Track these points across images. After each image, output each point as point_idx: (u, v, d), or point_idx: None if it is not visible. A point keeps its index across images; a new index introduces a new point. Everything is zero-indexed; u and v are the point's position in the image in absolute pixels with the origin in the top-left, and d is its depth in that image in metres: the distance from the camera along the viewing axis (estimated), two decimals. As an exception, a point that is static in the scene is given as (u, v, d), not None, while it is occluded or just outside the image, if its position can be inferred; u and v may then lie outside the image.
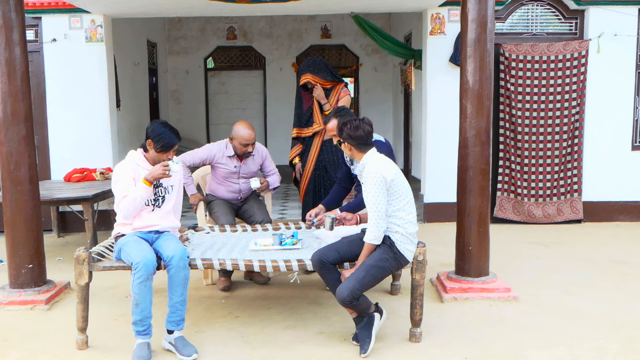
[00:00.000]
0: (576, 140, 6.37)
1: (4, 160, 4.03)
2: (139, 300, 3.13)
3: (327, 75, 4.67)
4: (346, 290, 3.09)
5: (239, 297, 4.18)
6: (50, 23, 6.19)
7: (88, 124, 6.28)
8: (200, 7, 6.07)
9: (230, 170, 4.44)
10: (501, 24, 6.36)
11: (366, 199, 3.16)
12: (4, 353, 3.28)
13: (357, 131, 3.24)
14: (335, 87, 4.73)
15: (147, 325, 3.18)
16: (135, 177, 3.39)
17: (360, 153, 3.28)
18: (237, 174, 4.48)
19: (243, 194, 4.56)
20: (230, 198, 4.55)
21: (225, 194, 4.53)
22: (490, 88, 4.09)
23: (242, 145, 4.34)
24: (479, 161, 4.07)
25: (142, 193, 3.32)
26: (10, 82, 3.98)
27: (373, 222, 3.13)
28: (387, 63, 10.60)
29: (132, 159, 3.45)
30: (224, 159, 4.43)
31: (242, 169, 4.48)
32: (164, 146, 3.36)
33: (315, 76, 4.64)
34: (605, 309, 3.86)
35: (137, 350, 3.15)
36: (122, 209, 3.33)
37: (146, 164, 3.45)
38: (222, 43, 10.55)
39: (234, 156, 4.43)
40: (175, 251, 3.26)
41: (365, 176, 3.17)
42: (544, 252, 5.37)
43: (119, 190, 3.36)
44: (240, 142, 4.34)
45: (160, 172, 3.31)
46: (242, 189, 4.52)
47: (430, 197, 6.54)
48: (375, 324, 3.24)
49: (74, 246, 5.69)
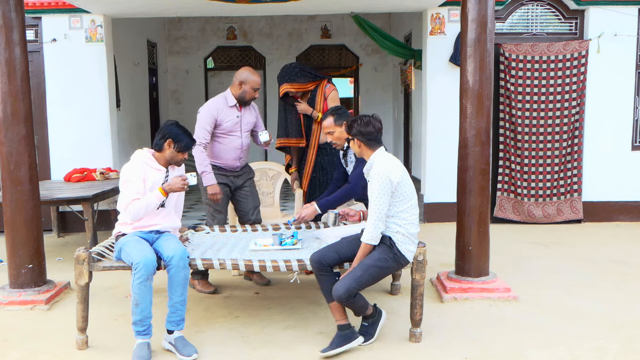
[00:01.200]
0: (576, 140, 6.37)
1: (4, 160, 4.03)
2: (139, 300, 3.13)
3: (306, 79, 4.50)
4: (342, 288, 3.09)
5: (239, 297, 4.18)
6: (50, 23, 6.19)
7: (88, 124, 6.28)
8: (200, 7, 6.07)
9: (233, 121, 4.33)
10: (501, 24, 6.36)
11: (370, 199, 3.16)
12: (4, 353, 3.28)
13: (368, 127, 3.24)
14: (319, 86, 4.56)
15: (147, 325, 3.18)
16: (145, 178, 3.39)
17: (369, 150, 3.26)
18: (239, 124, 4.36)
19: (244, 150, 4.41)
20: (232, 160, 4.35)
21: (226, 155, 4.34)
22: (490, 88, 4.09)
23: (254, 90, 4.30)
24: (479, 161, 4.07)
25: (156, 201, 3.35)
26: (10, 82, 3.98)
27: (372, 222, 3.13)
28: (387, 63, 10.60)
29: (141, 158, 3.44)
30: (227, 110, 4.32)
31: (243, 119, 4.38)
32: (185, 146, 3.42)
33: (293, 84, 4.49)
34: (605, 309, 3.85)
35: (137, 351, 3.15)
36: (132, 211, 3.33)
37: (155, 163, 3.45)
38: (222, 43, 10.54)
39: (235, 105, 4.33)
40: (175, 251, 3.26)
41: (372, 176, 3.17)
42: (544, 252, 5.37)
43: (128, 192, 3.34)
44: (252, 86, 4.28)
45: (179, 187, 3.38)
46: (244, 143, 4.39)
47: (430, 197, 6.54)
48: (352, 343, 3.19)
49: (74, 246, 5.69)
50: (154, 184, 3.42)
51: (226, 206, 4.42)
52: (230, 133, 4.32)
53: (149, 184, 3.41)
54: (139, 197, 3.34)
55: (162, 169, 3.47)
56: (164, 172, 3.47)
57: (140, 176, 3.38)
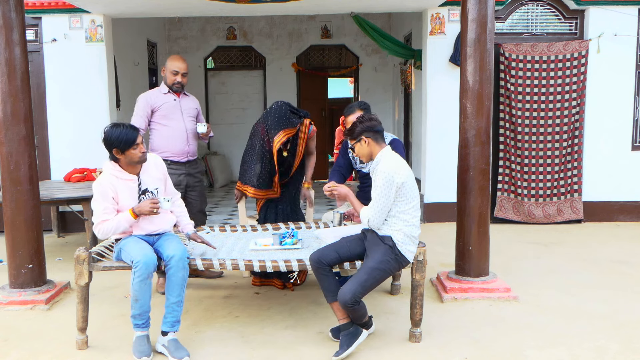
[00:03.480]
0: (576, 140, 6.37)
1: (4, 160, 4.03)
2: (138, 297, 3.15)
3: (296, 120, 4.12)
4: (349, 293, 3.08)
5: (239, 297, 4.18)
6: (50, 23, 6.19)
7: (88, 124, 6.27)
8: (200, 7, 6.07)
9: (170, 105, 4.38)
10: (501, 24, 6.36)
11: (374, 193, 3.18)
12: (4, 353, 3.28)
13: (372, 121, 3.26)
14: (302, 124, 4.20)
15: (145, 318, 3.21)
16: (116, 194, 3.31)
17: (377, 146, 3.26)
18: (179, 108, 4.41)
19: (190, 135, 4.42)
20: (180, 145, 4.36)
21: (173, 140, 4.34)
22: (490, 88, 4.08)
23: (172, 74, 4.36)
24: (479, 161, 4.07)
25: (125, 224, 3.29)
26: (10, 82, 3.98)
27: (375, 212, 3.17)
28: (387, 63, 10.59)
29: (110, 172, 3.34)
30: (160, 96, 4.41)
31: (182, 103, 4.44)
32: (127, 143, 3.24)
33: (286, 130, 4.06)
34: (605, 309, 3.85)
35: (137, 344, 3.17)
36: (101, 232, 3.27)
37: (124, 173, 3.34)
38: (222, 43, 10.53)
39: (168, 92, 4.42)
40: (175, 251, 3.26)
41: (378, 173, 3.18)
42: (544, 252, 5.37)
43: (98, 212, 3.28)
44: (170, 69, 4.37)
45: (148, 210, 3.27)
46: (188, 127, 4.41)
47: (430, 197, 6.54)
48: (360, 339, 3.21)
49: (74, 246, 5.69)
50: (129, 194, 3.33)
51: None
52: (171, 117, 4.38)
53: (123, 197, 3.32)
54: (109, 217, 3.27)
55: (133, 177, 3.36)
56: (135, 180, 3.36)
57: (109, 194, 3.28)
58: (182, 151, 4.40)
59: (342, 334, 3.21)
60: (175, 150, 4.39)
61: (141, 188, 3.38)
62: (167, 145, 4.37)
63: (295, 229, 4.00)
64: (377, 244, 3.21)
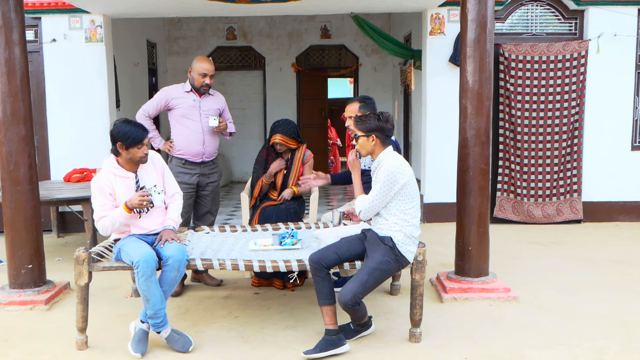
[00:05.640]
0: (576, 141, 6.37)
1: (3, 160, 4.03)
2: (148, 296, 3.16)
3: (296, 138, 4.41)
4: (349, 293, 3.08)
5: (238, 297, 4.18)
6: (50, 23, 6.19)
7: (88, 124, 6.28)
8: (200, 7, 6.07)
9: (189, 104, 4.35)
10: (501, 24, 6.36)
11: (374, 187, 3.20)
12: (4, 353, 3.28)
13: (388, 123, 3.24)
14: (299, 149, 4.48)
15: (161, 316, 3.22)
16: (113, 191, 3.34)
17: (382, 147, 3.26)
18: (198, 108, 4.36)
19: (207, 135, 4.39)
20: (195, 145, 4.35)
21: (189, 139, 4.34)
22: (490, 88, 4.09)
23: (201, 76, 4.29)
24: (479, 161, 4.07)
25: (120, 219, 3.31)
26: (10, 82, 3.98)
27: (369, 205, 3.21)
28: (386, 63, 10.59)
29: (108, 169, 3.38)
30: (181, 94, 4.37)
31: (202, 104, 4.39)
32: (134, 140, 3.28)
33: (284, 136, 4.34)
34: (605, 309, 3.85)
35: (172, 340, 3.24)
36: (101, 228, 3.33)
37: (122, 171, 3.37)
38: (221, 43, 10.53)
39: (191, 91, 4.37)
40: (174, 252, 3.27)
41: (380, 172, 3.19)
42: (543, 252, 5.37)
43: (96, 209, 3.34)
44: (198, 72, 4.30)
45: (138, 202, 3.26)
46: (204, 128, 4.36)
47: (430, 197, 6.54)
48: (337, 350, 3.16)
49: (73, 246, 5.69)
50: (127, 191, 3.36)
51: (189, 208, 4.43)
52: (189, 117, 4.36)
53: (120, 194, 3.35)
54: (106, 213, 3.31)
55: (130, 175, 3.39)
56: (132, 178, 3.40)
57: (106, 190, 3.32)
58: (198, 152, 4.40)
59: (324, 337, 3.19)
60: (191, 151, 4.38)
61: (139, 185, 3.40)
62: (184, 146, 4.38)
63: (295, 229, 4.00)
64: (377, 244, 3.21)
